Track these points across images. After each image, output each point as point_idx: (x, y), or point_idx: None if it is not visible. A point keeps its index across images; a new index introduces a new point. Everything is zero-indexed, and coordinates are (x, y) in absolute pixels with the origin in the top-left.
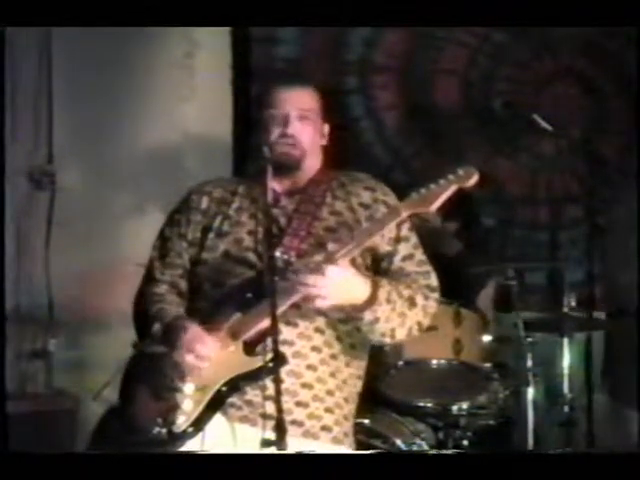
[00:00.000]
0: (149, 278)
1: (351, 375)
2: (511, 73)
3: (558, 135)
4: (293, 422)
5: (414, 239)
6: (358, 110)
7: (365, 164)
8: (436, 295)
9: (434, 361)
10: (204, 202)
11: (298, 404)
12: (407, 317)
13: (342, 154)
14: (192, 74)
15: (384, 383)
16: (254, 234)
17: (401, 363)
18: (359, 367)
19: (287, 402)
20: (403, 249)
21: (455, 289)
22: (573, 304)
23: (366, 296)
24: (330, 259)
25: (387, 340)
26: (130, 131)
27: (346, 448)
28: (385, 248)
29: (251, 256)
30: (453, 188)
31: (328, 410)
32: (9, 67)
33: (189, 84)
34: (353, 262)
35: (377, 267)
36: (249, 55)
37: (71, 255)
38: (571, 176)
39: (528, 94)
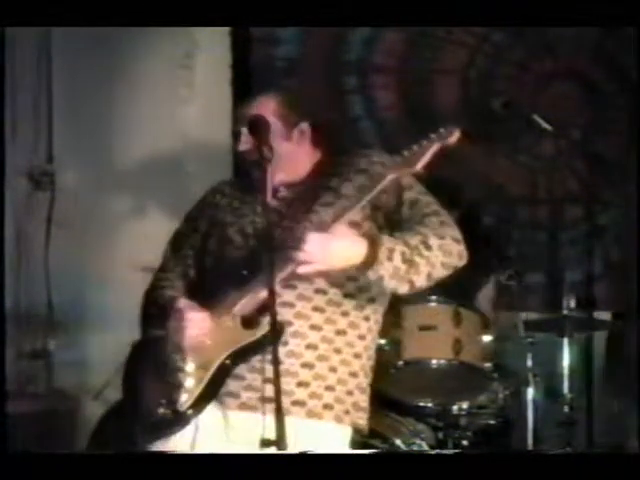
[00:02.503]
0: (160, 269)
1: (364, 347)
2: (511, 73)
3: (558, 135)
4: (295, 403)
5: (418, 186)
6: (358, 110)
7: None
8: (451, 230)
9: (434, 361)
10: (216, 198)
11: (299, 384)
12: (420, 264)
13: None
14: (192, 74)
15: (384, 383)
16: (254, 223)
17: (401, 363)
18: (373, 338)
19: (288, 383)
20: (408, 196)
21: (455, 289)
22: (573, 304)
23: (362, 257)
24: (322, 226)
25: (407, 289)
26: (130, 131)
27: (347, 426)
28: (392, 203)
29: (251, 242)
30: (436, 146)
31: (328, 388)
32: (9, 67)
33: (189, 84)
34: (356, 225)
35: (390, 223)
36: (249, 55)
37: (71, 255)
38: (571, 176)
39: (528, 94)
